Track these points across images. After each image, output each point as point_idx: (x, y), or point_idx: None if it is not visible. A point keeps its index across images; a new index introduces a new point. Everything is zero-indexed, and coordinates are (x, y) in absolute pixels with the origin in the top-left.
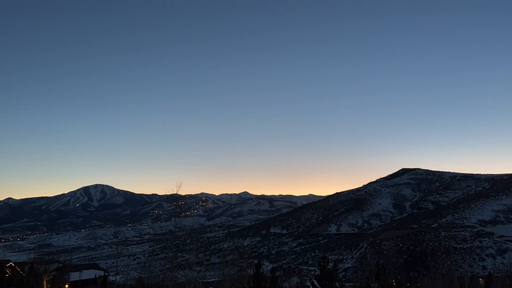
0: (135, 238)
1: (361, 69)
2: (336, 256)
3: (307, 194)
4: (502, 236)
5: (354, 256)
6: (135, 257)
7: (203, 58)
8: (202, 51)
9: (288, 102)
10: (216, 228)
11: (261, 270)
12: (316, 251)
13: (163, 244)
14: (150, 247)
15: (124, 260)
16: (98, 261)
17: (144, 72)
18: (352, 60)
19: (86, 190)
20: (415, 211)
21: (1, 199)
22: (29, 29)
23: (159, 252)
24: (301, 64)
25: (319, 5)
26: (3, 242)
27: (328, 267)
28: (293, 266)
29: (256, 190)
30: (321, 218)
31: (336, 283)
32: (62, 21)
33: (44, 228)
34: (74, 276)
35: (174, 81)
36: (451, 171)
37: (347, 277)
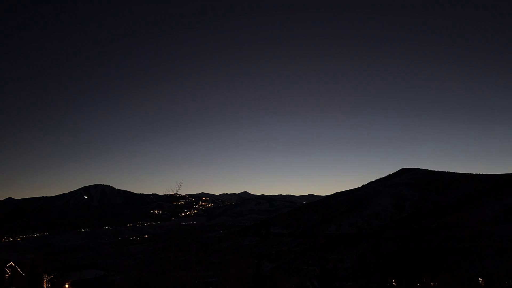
0: (135, 238)
1: (360, 70)
2: (336, 256)
3: (307, 194)
4: (502, 236)
5: (354, 256)
6: (135, 257)
7: (203, 59)
8: (203, 52)
9: (288, 103)
10: (216, 227)
11: (261, 270)
12: (316, 251)
13: (163, 244)
14: (150, 247)
15: (124, 260)
16: (98, 261)
17: (144, 73)
18: (352, 61)
19: (86, 190)
20: (415, 211)
21: (1, 199)
22: (30, 29)
23: (159, 252)
24: (301, 64)
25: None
26: (3, 242)
27: (328, 267)
28: (293, 266)
29: (256, 190)
30: (321, 218)
31: (336, 283)
32: (63, 21)
33: (44, 228)
34: (74, 275)
35: (174, 82)
36: (451, 171)
37: (347, 277)
